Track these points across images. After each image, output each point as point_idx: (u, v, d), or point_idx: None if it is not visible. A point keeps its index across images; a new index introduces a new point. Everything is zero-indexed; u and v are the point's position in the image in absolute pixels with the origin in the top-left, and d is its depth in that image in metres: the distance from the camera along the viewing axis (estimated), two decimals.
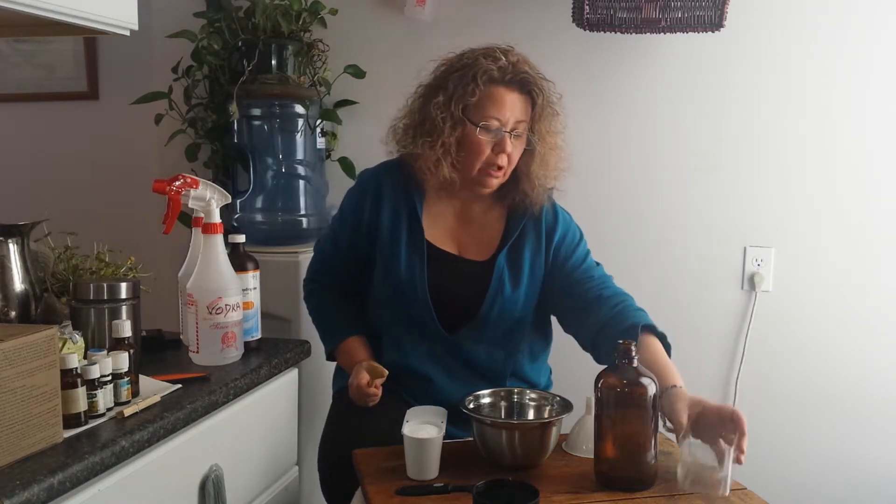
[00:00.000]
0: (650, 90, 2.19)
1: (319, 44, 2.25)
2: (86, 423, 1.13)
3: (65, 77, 2.66)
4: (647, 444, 1.25)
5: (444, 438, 1.33)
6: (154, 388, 1.28)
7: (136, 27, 1.53)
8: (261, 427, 1.52)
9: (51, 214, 1.47)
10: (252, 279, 1.55)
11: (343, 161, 2.27)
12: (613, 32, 2.02)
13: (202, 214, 1.51)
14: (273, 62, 2.16)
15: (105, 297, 1.34)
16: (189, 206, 1.54)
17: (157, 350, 1.54)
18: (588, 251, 1.69)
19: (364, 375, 1.54)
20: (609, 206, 2.22)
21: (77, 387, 1.12)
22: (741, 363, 2.20)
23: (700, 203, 2.20)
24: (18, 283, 1.34)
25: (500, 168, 1.57)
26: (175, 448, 1.23)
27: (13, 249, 1.33)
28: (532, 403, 1.48)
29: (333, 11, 2.25)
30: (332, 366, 1.81)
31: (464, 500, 1.21)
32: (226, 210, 1.68)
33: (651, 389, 1.24)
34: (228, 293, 1.44)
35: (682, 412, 1.29)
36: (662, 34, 2.05)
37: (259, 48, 2.12)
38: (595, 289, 1.58)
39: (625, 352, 1.26)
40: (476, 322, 1.61)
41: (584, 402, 1.43)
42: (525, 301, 1.63)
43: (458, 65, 1.58)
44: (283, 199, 2.23)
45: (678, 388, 1.33)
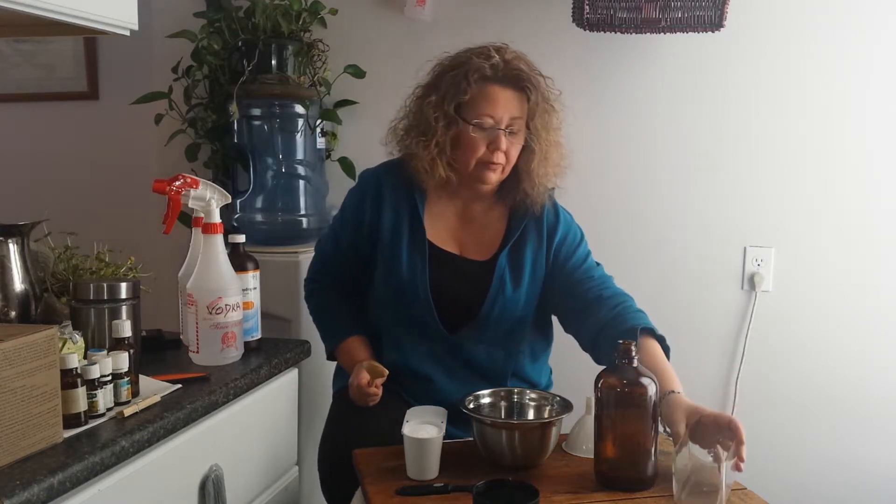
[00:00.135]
0: (650, 90, 2.19)
1: (319, 44, 2.25)
2: (86, 423, 1.13)
3: (65, 77, 2.66)
4: (647, 444, 1.25)
5: (445, 438, 1.33)
6: (154, 388, 1.28)
7: (136, 27, 1.53)
8: (261, 427, 1.52)
9: (51, 214, 1.47)
10: (252, 279, 1.55)
11: (343, 161, 2.27)
12: (613, 32, 2.02)
13: (202, 214, 1.51)
14: (273, 62, 2.16)
15: (105, 297, 1.34)
16: (189, 206, 1.54)
17: (157, 350, 1.54)
18: (588, 252, 1.69)
19: (364, 375, 1.54)
20: (609, 206, 2.22)
21: (77, 387, 1.12)
22: (741, 363, 2.20)
23: (700, 203, 2.20)
24: (18, 283, 1.34)
25: (497, 165, 1.57)
26: (175, 448, 1.23)
27: (13, 249, 1.33)
28: (532, 403, 1.48)
29: (333, 11, 2.25)
30: (333, 366, 1.81)
31: (464, 501, 1.21)
32: (226, 210, 1.68)
33: (651, 389, 1.24)
34: (228, 293, 1.44)
35: (680, 421, 1.28)
36: (662, 34, 2.05)
37: (259, 48, 2.12)
38: (595, 289, 1.58)
39: (625, 352, 1.26)
40: (477, 322, 1.61)
41: (585, 402, 1.43)
42: (526, 301, 1.63)
43: (452, 64, 1.59)
44: (283, 199, 2.23)
45: (676, 395, 1.33)
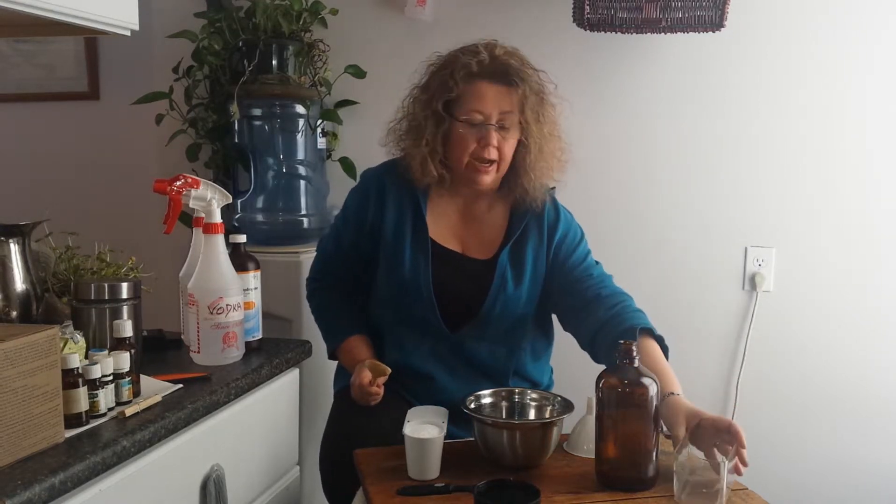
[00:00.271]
0: (651, 90, 2.19)
1: (320, 44, 2.25)
2: (87, 423, 1.13)
3: (65, 77, 2.66)
4: (649, 445, 1.25)
5: (446, 438, 1.33)
6: (155, 388, 1.28)
7: (137, 27, 1.53)
8: (262, 427, 1.52)
9: (52, 214, 1.47)
10: (253, 279, 1.55)
11: (344, 161, 2.27)
12: (614, 32, 2.02)
13: (203, 214, 1.51)
14: (274, 62, 2.16)
15: (106, 297, 1.34)
16: (190, 207, 1.55)
17: (159, 350, 1.54)
18: (588, 251, 1.69)
19: (366, 374, 1.54)
20: (609, 206, 2.22)
21: (78, 387, 1.12)
22: (742, 363, 2.20)
23: (701, 203, 2.20)
24: (20, 283, 1.34)
25: (490, 162, 1.57)
26: (176, 448, 1.23)
27: (14, 249, 1.34)
28: (533, 403, 1.48)
29: (334, 11, 2.25)
30: (333, 366, 1.81)
31: (465, 501, 1.21)
32: (227, 210, 1.68)
33: (652, 390, 1.24)
34: (229, 293, 1.44)
35: (680, 424, 1.28)
36: (663, 34, 2.05)
37: (260, 48, 2.12)
38: (594, 287, 1.58)
39: (626, 352, 1.26)
40: (478, 320, 1.61)
41: (585, 403, 1.43)
42: (527, 299, 1.63)
43: (441, 63, 1.61)
44: (284, 200, 2.23)
45: (676, 397, 1.32)
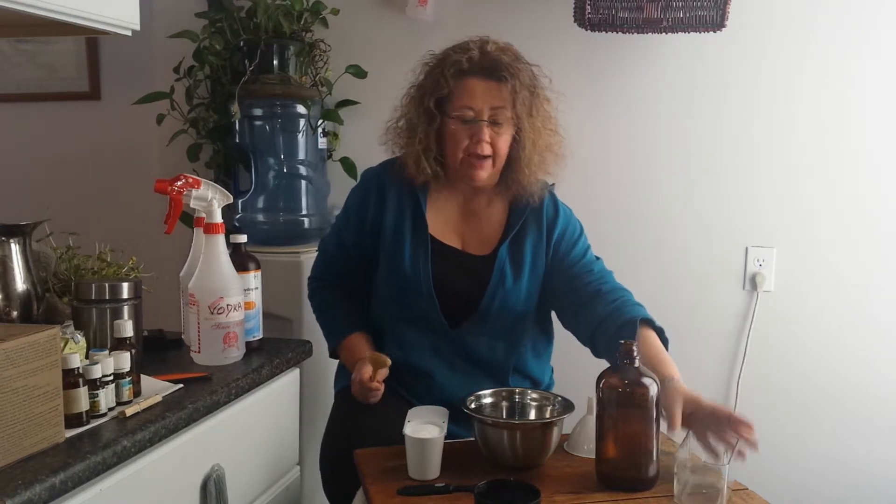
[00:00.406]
0: (651, 90, 2.19)
1: (321, 44, 2.25)
2: (87, 423, 1.13)
3: (66, 77, 2.66)
4: (649, 445, 1.25)
5: (447, 437, 1.33)
6: (156, 388, 1.28)
7: (138, 27, 1.53)
8: (262, 427, 1.52)
9: (52, 214, 1.47)
10: (253, 279, 1.55)
11: (345, 161, 2.27)
12: (615, 32, 2.02)
13: (204, 214, 1.51)
14: (275, 62, 2.16)
15: (107, 297, 1.34)
16: (191, 206, 1.55)
17: (159, 350, 1.54)
18: (588, 246, 1.70)
19: (367, 370, 1.54)
20: (609, 206, 2.22)
21: (79, 386, 1.12)
22: (742, 363, 2.20)
23: (701, 203, 2.20)
24: (20, 283, 1.34)
25: (484, 158, 1.57)
26: (177, 448, 1.23)
27: (15, 249, 1.34)
28: (533, 403, 1.48)
29: (335, 11, 2.25)
30: (334, 365, 1.81)
31: (465, 501, 1.21)
32: (227, 210, 1.68)
33: (652, 389, 1.24)
34: (230, 293, 1.44)
35: (677, 406, 1.30)
36: (664, 34, 2.05)
37: (261, 48, 2.12)
38: (594, 283, 1.59)
39: (626, 352, 1.26)
40: (478, 315, 1.61)
41: (586, 402, 1.43)
42: (526, 294, 1.63)
43: (433, 62, 1.63)
44: (285, 200, 2.23)
45: (675, 381, 1.35)
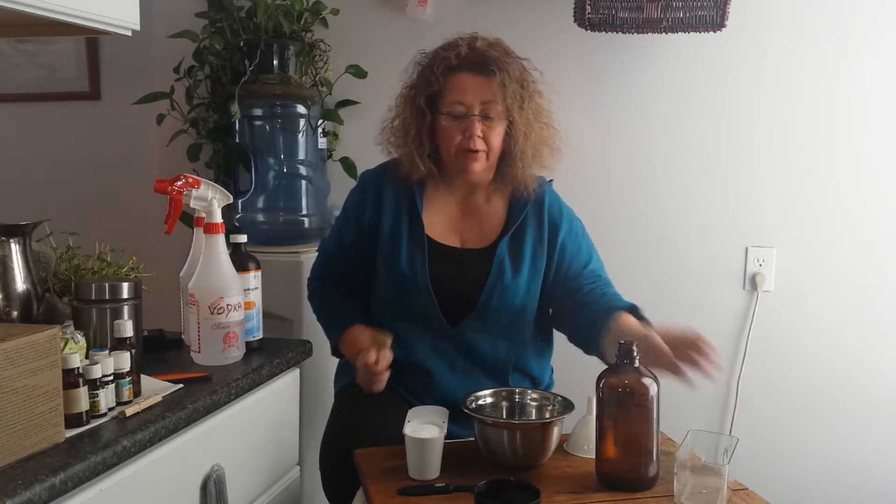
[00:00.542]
0: (651, 90, 2.19)
1: (321, 44, 2.25)
2: (87, 423, 1.13)
3: (66, 77, 2.66)
4: (649, 445, 1.25)
5: (447, 437, 1.34)
6: (156, 388, 1.28)
7: (138, 27, 1.53)
8: (262, 427, 1.52)
9: (52, 214, 1.47)
10: (253, 279, 1.55)
11: (345, 161, 2.27)
12: (615, 32, 2.02)
13: (204, 214, 1.51)
14: (275, 62, 2.16)
15: (107, 297, 1.34)
16: (191, 206, 1.55)
17: (159, 350, 1.54)
18: (592, 248, 1.71)
19: (371, 355, 1.53)
20: (609, 206, 2.22)
21: (79, 386, 1.12)
22: (742, 363, 2.20)
23: (701, 203, 2.20)
24: (20, 283, 1.34)
25: (477, 152, 1.58)
26: (177, 448, 1.23)
27: (15, 249, 1.33)
28: (533, 403, 1.48)
29: (335, 11, 2.25)
30: (334, 366, 1.81)
31: (465, 501, 1.21)
32: (227, 210, 1.68)
33: (652, 389, 1.24)
34: (230, 293, 1.44)
35: (660, 344, 1.36)
36: (664, 34, 2.05)
37: (261, 48, 2.12)
38: (599, 288, 1.62)
39: (626, 352, 1.26)
40: (477, 311, 1.61)
41: (586, 403, 1.43)
42: (525, 290, 1.63)
43: (424, 61, 1.65)
44: (285, 200, 2.23)
45: (651, 334, 1.39)
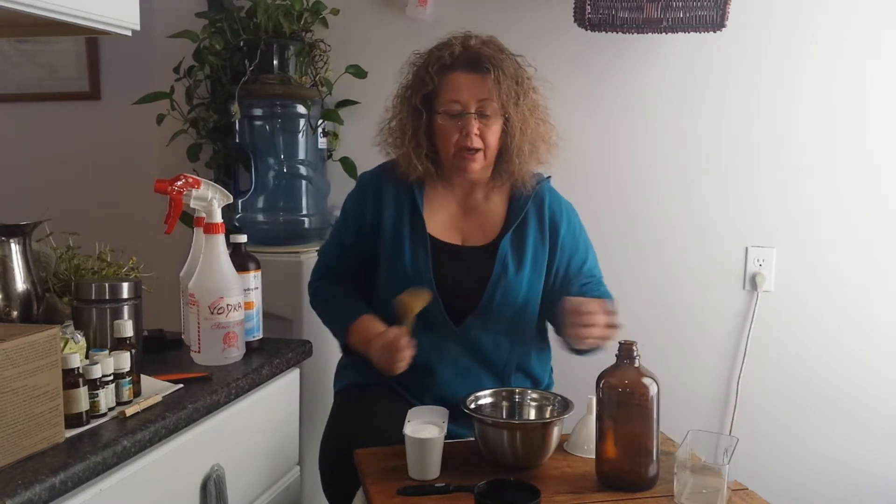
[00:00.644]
0: (651, 90, 2.19)
1: (321, 44, 2.25)
2: (87, 423, 1.13)
3: (66, 77, 2.66)
4: (649, 445, 1.25)
5: (447, 437, 1.33)
6: (156, 388, 1.28)
7: (138, 27, 1.53)
8: (262, 427, 1.52)
9: (52, 214, 1.47)
10: (253, 279, 1.55)
11: (345, 161, 2.27)
12: (615, 32, 2.02)
13: (204, 214, 1.51)
14: (275, 62, 2.16)
15: (107, 297, 1.34)
16: (191, 206, 1.55)
17: (159, 350, 1.54)
18: (588, 248, 1.72)
19: (392, 330, 1.50)
20: (609, 206, 2.22)
21: (79, 386, 1.12)
22: (742, 363, 2.20)
23: (701, 203, 2.20)
24: (20, 283, 1.34)
25: (475, 150, 1.58)
26: (177, 448, 1.23)
27: (15, 249, 1.33)
28: (533, 403, 1.48)
29: (335, 11, 2.25)
30: (334, 365, 1.81)
31: (465, 501, 1.21)
32: (227, 210, 1.68)
33: (652, 389, 1.24)
34: (230, 293, 1.44)
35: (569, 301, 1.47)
36: (664, 34, 2.05)
37: (261, 48, 2.12)
38: (590, 286, 1.65)
39: (626, 351, 1.26)
40: (480, 309, 1.61)
41: (585, 403, 1.43)
42: (528, 287, 1.64)
43: (418, 61, 1.65)
44: (285, 200, 2.23)
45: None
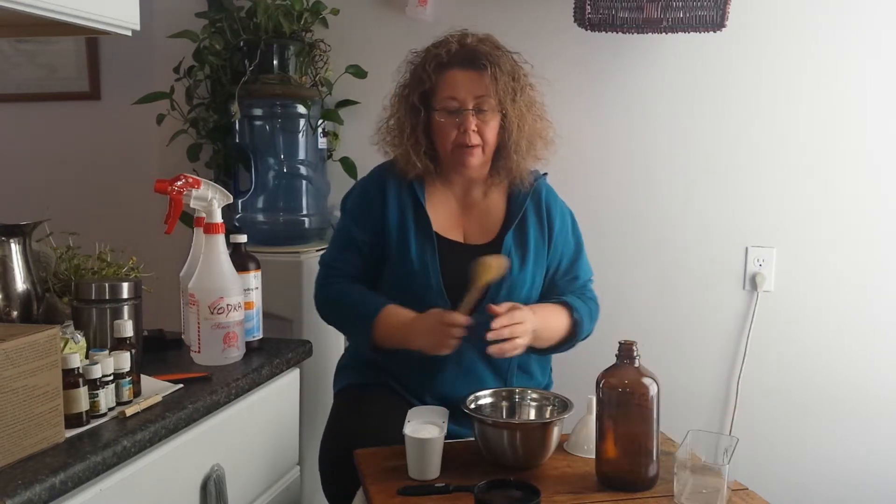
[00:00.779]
0: (651, 90, 2.19)
1: (321, 44, 2.26)
2: (87, 423, 1.13)
3: (66, 77, 2.66)
4: (649, 445, 1.25)
5: (447, 437, 1.34)
6: (156, 388, 1.28)
7: (138, 27, 1.53)
8: (262, 427, 1.52)
9: (52, 214, 1.47)
10: (253, 279, 1.55)
11: (344, 161, 2.27)
12: (615, 32, 2.02)
13: (204, 214, 1.51)
14: (275, 62, 2.16)
15: (107, 297, 1.34)
16: (191, 206, 1.55)
17: (159, 350, 1.54)
18: (581, 243, 1.73)
19: (446, 312, 1.49)
20: (609, 206, 2.22)
21: (79, 386, 1.12)
22: (742, 363, 2.20)
23: (701, 203, 2.20)
24: (20, 283, 1.34)
25: (473, 146, 1.59)
26: (177, 448, 1.23)
27: (15, 249, 1.33)
28: (533, 403, 1.48)
29: (335, 11, 2.25)
30: (333, 365, 1.81)
31: (465, 500, 1.21)
32: (227, 210, 1.68)
33: (652, 389, 1.24)
34: (230, 293, 1.44)
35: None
36: (664, 34, 2.05)
37: (261, 48, 2.12)
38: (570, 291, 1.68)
39: (626, 351, 1.26)
40: (485, 306, 1.60)
41: (585, 403, 1.43)
42: (531, 282, 1.65)
43: (415, 60, 1.66)
44: (285, 200, 2.23)
45: (531, 310, 1.53)
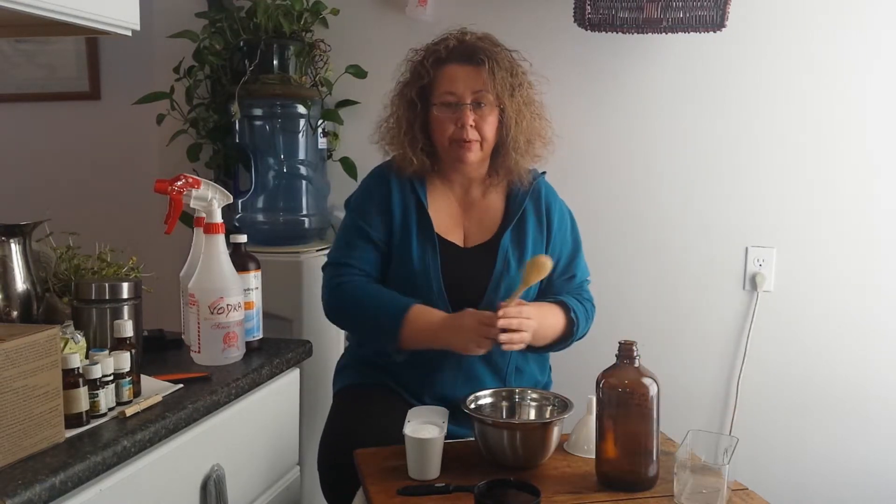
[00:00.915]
0: (651, 90, 2.19)
1: (321, 44, 2.25)
2: (87, 423, 1.13)
3: (66, 77, 2.66)
4: (649, 445, 1.25)
5: (447, 437, 1.34)
6: (156, 388, 1.28)
7: (138, 27, 1.53)
8: (262, 427, 1.52)
9: (52, 214, 1.47)
10: (253, 279, 1.55)
11: (345, 161, 2.27)
12: (615, 32, 2.02)
13: (204, 214, 1.51)
14: (275, 62, 2.16)
15: (107, 297, 1.34)
16: (191, 206, 1.55)
17: (159, 350, 1.54)
18: (579, 243, 1.73)
19: (483, 312, 1.50)
20: (609, 206, 2.22)
21: (79, 386, 1.12)
22: (742, 363, 2.20)
23: (701, 203, 2.20)
24: (20, 283, 1.34)
25: (470, 141, 1.59)
26: (177, 448, 1.23)
27: (15, 249, 1.33)
28: (533, 403, 1.48)
29: (335, 11, 2.25)
30: (334, 365, 1.81)
31: (465, 500, 1.21)
32: (227, 210, 1.68)
33: (652, 389, 1.24)
34: (230, 293, 1.44)
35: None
36: (664, 34, 2.05)
37: (261, 48, 2.12)
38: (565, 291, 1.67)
39: (626, 351, 1.26)
40: (484, 305, 1.60)
41: (585, 403, 1.43)
42: None
43: (415, 57, 1.67)
44: (285, 200, 2.23)
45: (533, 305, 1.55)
